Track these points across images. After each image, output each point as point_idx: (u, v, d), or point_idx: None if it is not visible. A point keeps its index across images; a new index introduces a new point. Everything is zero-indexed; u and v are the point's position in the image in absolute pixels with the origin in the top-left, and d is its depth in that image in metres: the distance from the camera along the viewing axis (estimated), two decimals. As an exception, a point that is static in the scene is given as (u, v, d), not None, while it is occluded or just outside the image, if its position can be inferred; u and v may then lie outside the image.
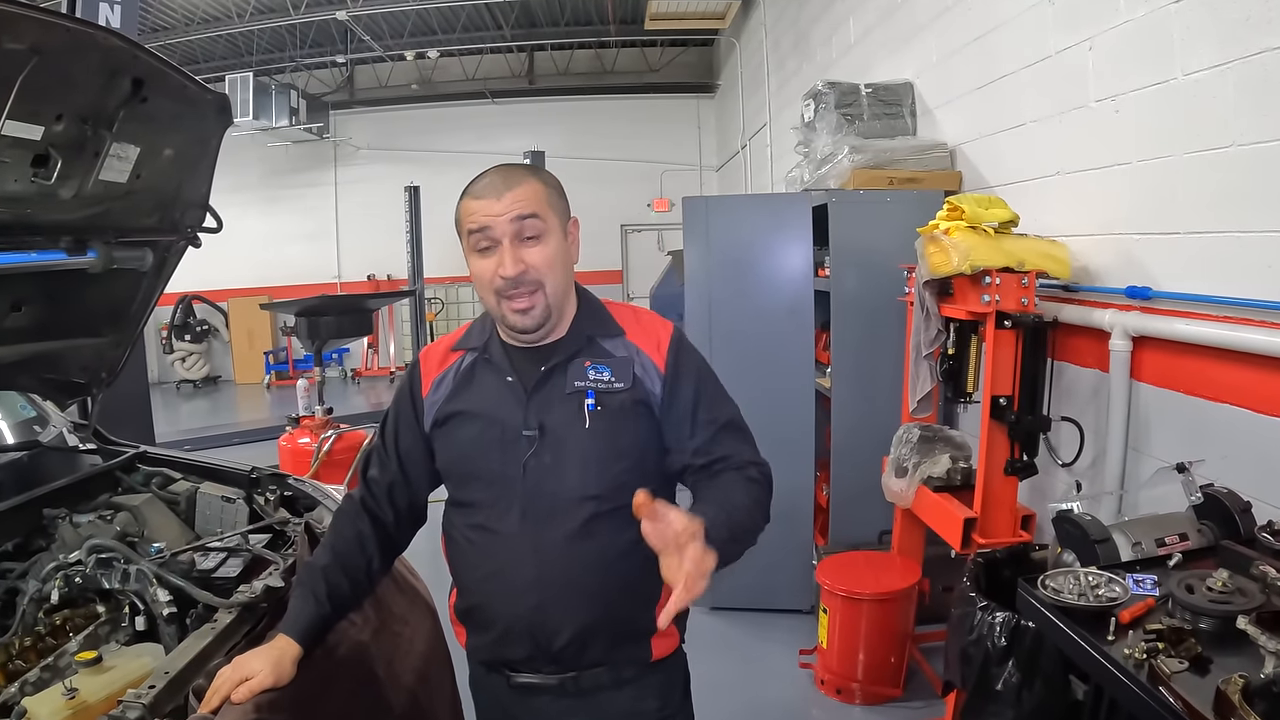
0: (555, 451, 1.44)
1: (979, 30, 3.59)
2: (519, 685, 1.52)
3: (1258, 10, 2.06)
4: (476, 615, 1.53)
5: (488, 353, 1.52)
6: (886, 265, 3.62)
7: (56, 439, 2.42)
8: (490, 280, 1.41)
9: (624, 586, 1.46)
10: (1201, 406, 2.40)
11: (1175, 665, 1.35)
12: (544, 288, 1.41)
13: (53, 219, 1.90)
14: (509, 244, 1.39)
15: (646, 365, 1.49)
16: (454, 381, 1.53)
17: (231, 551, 1.96)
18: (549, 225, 1.42)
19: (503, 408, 1.47)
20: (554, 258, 1.42)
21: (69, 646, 1.63)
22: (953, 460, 3.19)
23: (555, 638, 1.45)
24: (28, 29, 1.49)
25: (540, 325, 1.44)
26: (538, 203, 1.41)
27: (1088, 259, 2.86)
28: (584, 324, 1.52)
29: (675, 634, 1.58)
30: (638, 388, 1.47)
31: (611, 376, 1.47)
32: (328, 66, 12.24)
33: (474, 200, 1.42)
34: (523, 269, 1.38)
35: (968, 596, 2.31)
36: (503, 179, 1.41)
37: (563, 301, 1.48)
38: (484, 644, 1.54)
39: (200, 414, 10.59)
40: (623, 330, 1.52)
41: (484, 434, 1.47)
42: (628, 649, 1.51)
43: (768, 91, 8.41)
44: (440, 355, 1.58)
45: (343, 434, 4.43)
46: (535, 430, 1.44)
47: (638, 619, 1.48)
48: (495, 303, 1.43)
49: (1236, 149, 2.18)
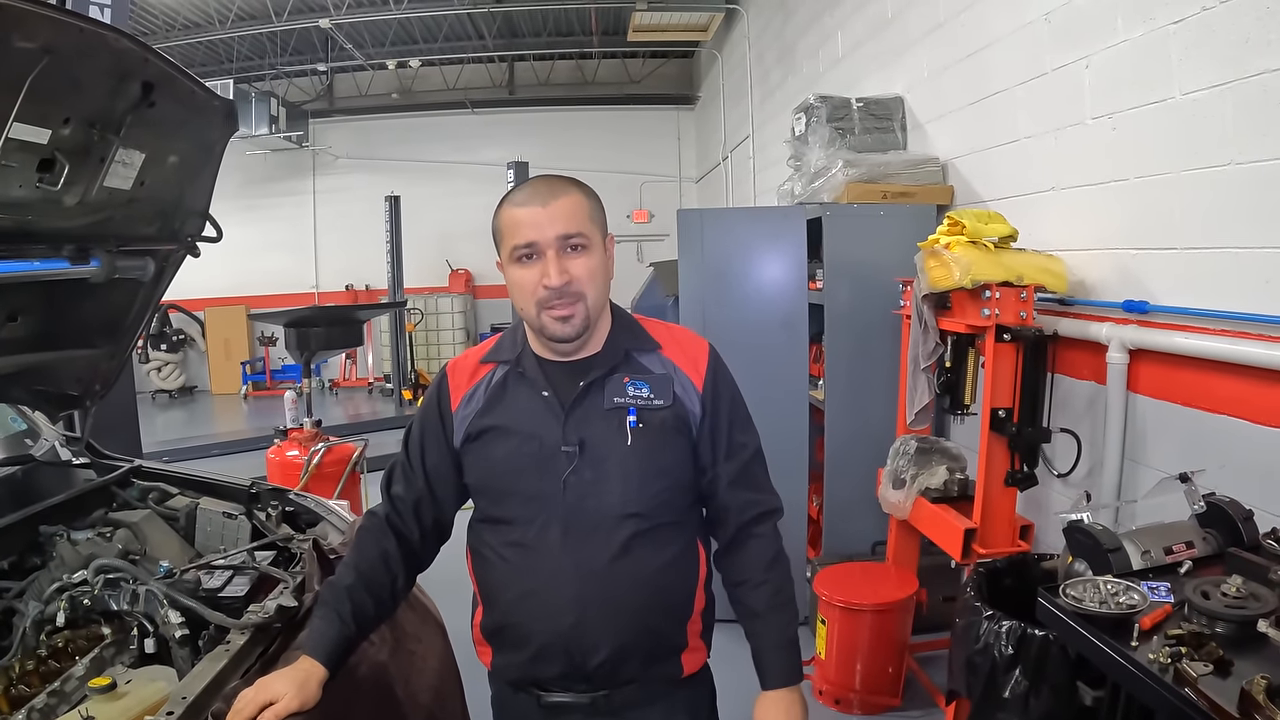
0: (596, 468, 1.43)
1: (972, 47, 3.63)
2: (549, 705, 1.49)
3: (1256, 32, 2.10)
4: (509, 634, 1.50)
5: (521, 366, 1.50)
6: (880, 278, 3.65)
7: (49, 453, 2.36)
8: (533, 290, 1.39)
9: (660, 604, 1.46)
10: (1199, 418, 2.44)
11: (1200, 668, 1.37)
12: (585, 299, 1.40)
13: (55, 226, 1.85)
14: (554, 254, 1.38)
15: (685, 384, 1.49)
16: (485, 396, 1.51)
17: (237, 570, 1.91)
18: (592, 238, 1.42)
19: (539, 423, 1.45)
20: (596, 270, 1.42)
21: (75, 670, 1.57)
22: (949, 472, 3.21)
23: (591, 656, 1.43)
24: (40, 28, 1.45)
25: (578, 335, 1.43)
26: (581, 215, 1.41)
27: (1084, 273, 2.90)
28: (620, 338, 1.51)
29: (704, 649, 1.58)
30: (678, 406, 1.47)
31: (651, 393, 1.46)
32: (308, 75, 12.15)
33: (518, 209, 1.41)
34: (567, 279, 1.38)
35: (973, 606, 2.32)
36: (548, 188, 1.41)
37: (599, 314, 1.47)
38: (514, 663, 1.51)
39: (177, 425, 10.40)
40: (658, 345, 1.52)
41: (520, 450, 1.45)
42: (660, 666, 1.51)
43: (751, 104, 8.46)
44: (469, 369, 1.55)
45: (332, 447, 4.36)
46: (575, 446, 1.43)
47: (671, 636, 1.48)
48: (535, 313, 1.42)
49: (1235, 167, 2.23)
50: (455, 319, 12.24)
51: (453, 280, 12.82)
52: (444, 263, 12.80)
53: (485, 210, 7.13)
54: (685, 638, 1.52)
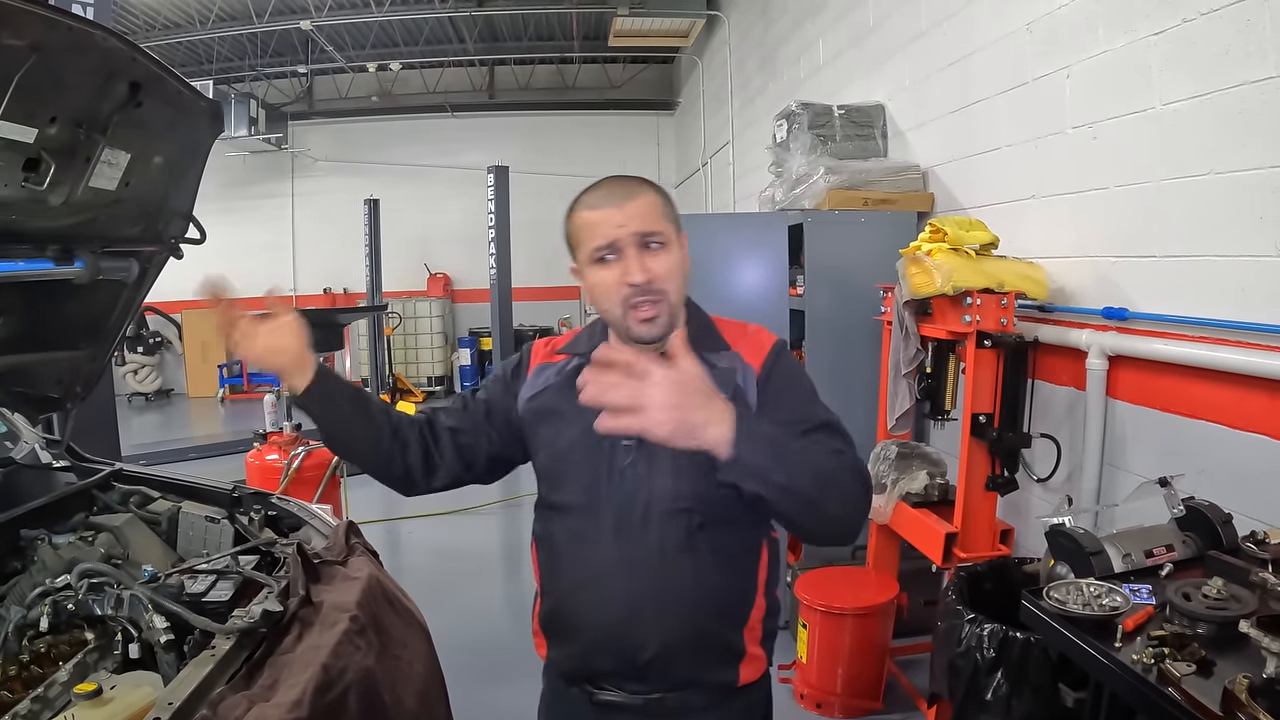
0: (650, 461, 1.41)
1: (954, 56, 3.68)
2: (601, 703, 1.48)
3: (1236, 44, 2.15)
4: (561, 624, 1.50)
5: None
6: (860, 284, 3.68)
7: (29, 455, 2.32)
8: (617, 288, 1.37)
9: (714, 604, 1.43)
10: (1177, 423, 2.49)
11: (1183, 668, 1.40)
12: (667, 297, 1.39)
13: (39, 226, 1.82)
14: (634, 252, 1.36)
15: (747, 374, 1.45)
16: (556, 378, 1.53)
17: (221, 574, 1.88)
18: (669, 236, 1.40)
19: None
20: (675, 267, 1.40)
21: (58, 676, 1.55)
22: (930, 476, 3.25)
23: (640, 652, 1.42)
24: (30, 25, 1.43)
25: (663, 334, 1.40)
26: (656, 212, 1.40)
27: (1064, 280, 2.95)
28: (692, 338, 1.46)
29: (763, 658, 1.53)
30: (738, 399, 1.41)
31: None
32: (288, 76, 12.07)
33: (592, 211, 1.39)
34: (649, 276, 1.36)
35: (954, 610, 2.35)
36: (622, 189, 1.40)
37: (678, 313, 1.46)
38: (567, 654, 1.51)
39: (153, 428, 10.26)
40: (728, 345, 1.49)
41: (584, 439, 1.44)
42: (714, 671, 1.47)
43: (731, 110, 8.51)
44: (548, 351, 1.59)
45: (312, 451, 4.33)
46: (634, 439, 1.40)
47: (726, 640, 1.45)
48: (621, 313, 1.40)
49: (1214, 176, 2.28)
50: (434, 323, 12.19)
51: (431, 284, 12.77)
52: (422, 266, 12.75)
53: (464, 213, 7.21)
54: (742, 644, 1.48)
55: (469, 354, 12.24)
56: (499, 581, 5.08)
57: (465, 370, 12.29)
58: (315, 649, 1.52)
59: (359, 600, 1.74)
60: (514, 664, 1.62)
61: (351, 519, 2.21)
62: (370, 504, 6.15)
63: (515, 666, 1.72)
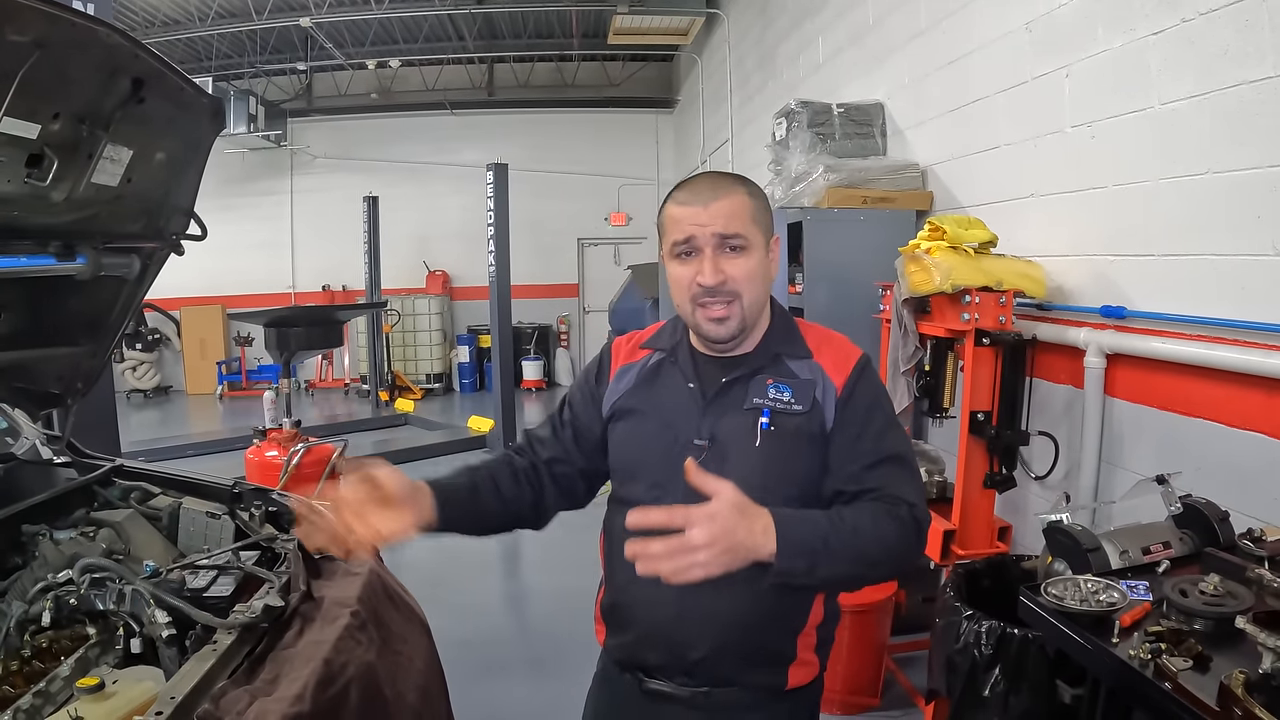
0: (720, 465, 1.37)
1: (953, 54, 3.69)
2: (650, 691, 1.49)
3: (1235, 44, 2.16)
4: (618, 614, 1.52)
5: (674, 356, 1.52)
6: (859, 282, 3.69)
7: (30, 451, 2.32)
8: (688, 286, 1.39)
9: (767, 612, 1.42)
10: (1175, 421, 2.50)
11: (1180, 664, 1.41)
12: (741, 299, 1.39)
13: (40, 222, 1.83)
14: (711, 253, 1.37)
15: (827, 388, 1.45)
16: (637, 377, 1.53)
17: (221, 570, 1.89)
18: (752, 239, 1.39)
19: (679, 412, 1.46)
20: (754, 271, 1.39)
21: (60, 671, 1.55)
22: (928, 474, 3.25)
23: (691, 650, 1.43)
24: (33, 21, 1.44)
25: (734, 336, 1.42)
26: (743, 215, 1.39)
27: (1062, 279, 2.96)
28: (774, 341, 1.49)
29: (815, 664, 1.52)
30: (815, 413, 1.43)
31: (791, 398, 1.43)
32: (287, 74, 12.06)
33: (680, 207, 1.40)
34: (722, 279, 1.36)
35: (952, 606, 2.36)
36: (710, 187, 1.40)
37: (757, 316, 1.46)
38: (622, 643, 1.53)
39: (152, 425, 10.24)
40: (811, 352, 1.49)
41: (657, 436, 1.46)
42: (763, 673, 1.47)
43: (730, 108, 8.51)
44: (630, 349, 1.58)
45: (311, 447, 4.33)
46: (707, 440, 1.42)
47: (778, 645, 1.46)
48: (690, 310, 1.41)
49: (1212, 175, 2.28)
50: (432, 320, 12.18)
51: (430, 281, 12.76)
52: (421, 264, 12.74)
53: (463, 210, 7.20)
54: (795, 650, 1.48)
55: (467, 351, 12.25)
56: (499, 578, 5.08)
57: (463, 368, 12.30)
58: (316, 644, 1.53)
59: (360, 596, 1.75)
60: (514, 660, 1.62)
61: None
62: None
63: (515, 663, 1.73)
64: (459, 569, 4.96)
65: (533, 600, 4.61)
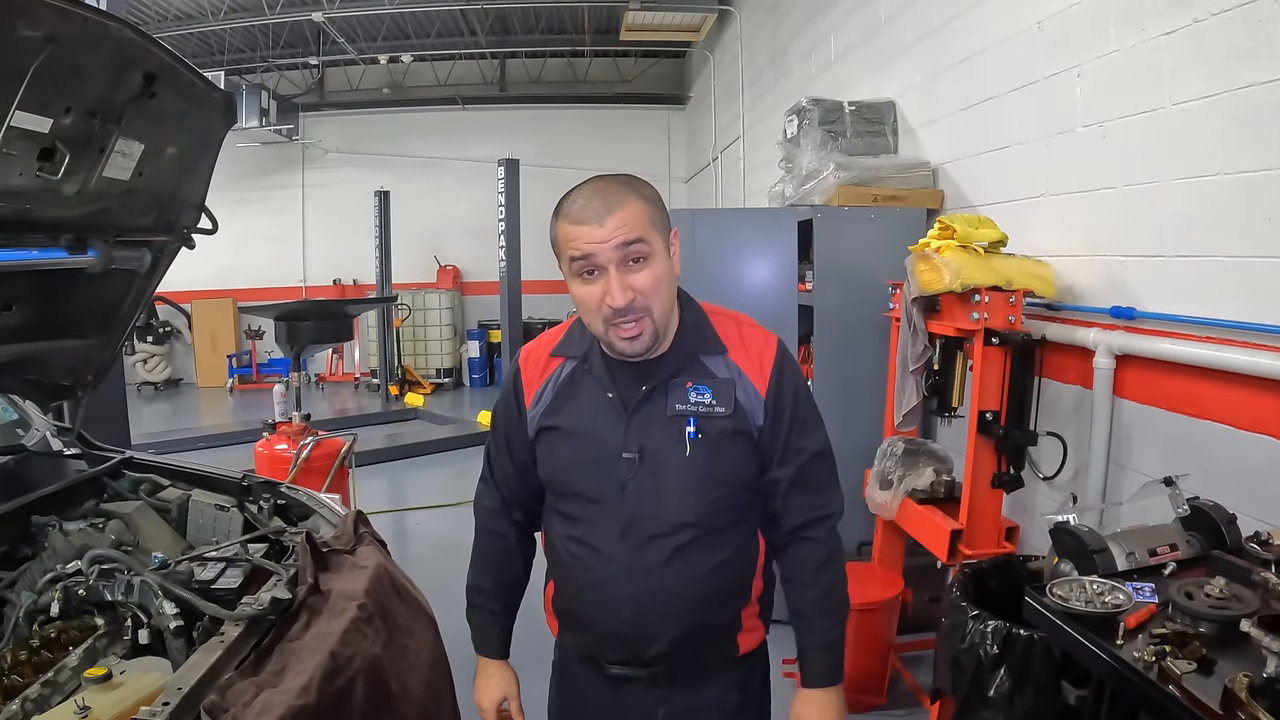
0: (655, 476, 1.44)
1: (965, 53, 3.67)
2: (612, 676, 1.56)
3: (1247, 45, 2.14)
4: (574, 619, 1.58)
5: (588, 363, 1.51)
6: (869, 281, 3.68)
7: (40, 443, 2.34)
8: (598, 308, 1.37)
9: (716, 598, 1.50)
10: (1184, 423, 2.48)
11: (1184, 666, 1.42)
12: (651, 312, 1.38)
13: (52, 216, 1.84)
14: (615, 271, 1.33)
15: (749, 390, 1.46)
16: (554, 392, 1.53)
17: (230, 562, 1.91)
18: (653, 245, 1.36)
19: (602, 426, 1.47)
20: (660, 279, 1.38)
21: (68, 661, 1.57)
22: (936, 473, 3.24)
23: (649, 647, 1.49)
24: (46, 16, 1.44)
25: (647, 350, 1.42)
26: (641, 223, 1.35)
27: (1072, 279, 2.94)
28: (687, 340, 1.49)
29: (761, 628, 1.62)
30: (739, 415, 1.45)
31: (713, 399, 1.45)
32: (299, 68, 12.10)
33: (573, 226, 1.35)
34: (630, 297, 1.34)
35: (959, 606, 2.35)
36: (603, 202, 1.34)
37: (668, 320, 1.45)
38: (579, 642, 1.60)
39: (162, 417, 10.32)
40: (725, 349, 1.49)
41: (584, 453, 1.48)
42: (717, 648, 1.55)
43: (742, 105, 8.49)
44: (541, 363, 1.56)
45: (321, 441, 4.35)
46: (635, 453, 1.44)
47: (727, 623, 1.53)
48: (603, 330, 1.39)
49: (1223, 177, 2.27)
50: (443, 315, 12.20)
51: (441, 276, 12.80)
52: (432, 258, 12.77)
53: (474, 205, 7.23)
54: (740, 621, 1.56)
55: (478, 346, 12.28)
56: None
57: (474, 363, 12.32)
58: (323, 636, 1.54)
59: (367, 589, 1.76)
60: (518, 653, 1.63)
61: (360, 509, 2.23)
62: (378, 494, 6.19)
63: (520, 656, 1.74)
64: (466, 563, 4.96)
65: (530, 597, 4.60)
